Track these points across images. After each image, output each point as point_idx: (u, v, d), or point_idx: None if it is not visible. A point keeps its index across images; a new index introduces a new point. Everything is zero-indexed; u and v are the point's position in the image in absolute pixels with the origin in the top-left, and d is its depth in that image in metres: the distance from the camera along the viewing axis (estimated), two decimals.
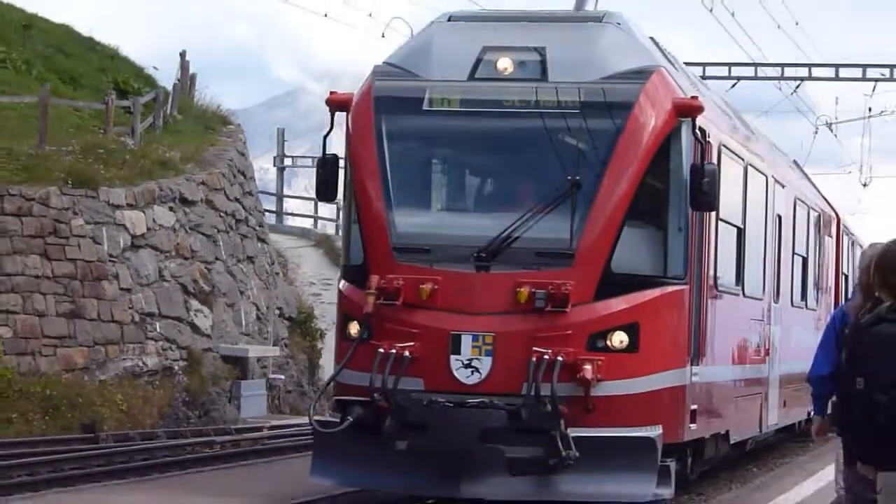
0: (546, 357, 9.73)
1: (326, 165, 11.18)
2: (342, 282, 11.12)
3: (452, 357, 10.03)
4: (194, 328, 20.90)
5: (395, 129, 10.72)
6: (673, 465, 10.30)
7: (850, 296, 10.26)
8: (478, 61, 10.62)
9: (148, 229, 20.21)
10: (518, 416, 9.70)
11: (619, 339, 10.04)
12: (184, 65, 28.28)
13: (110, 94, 23.73)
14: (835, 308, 18.07)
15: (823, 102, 31.47)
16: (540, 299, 9.90)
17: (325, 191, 11.35)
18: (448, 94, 10.70)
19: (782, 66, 26.97)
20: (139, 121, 23.46)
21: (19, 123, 21.87)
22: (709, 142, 11.17)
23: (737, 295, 13.10)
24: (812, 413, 7.99)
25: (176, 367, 20.18)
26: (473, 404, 9.80)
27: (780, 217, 15.86)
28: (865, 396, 5.20)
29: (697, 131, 10.53)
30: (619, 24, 11.12)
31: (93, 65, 28.22)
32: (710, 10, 24.87)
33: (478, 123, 10.79)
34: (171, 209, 20.95)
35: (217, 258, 22.10)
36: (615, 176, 10.18)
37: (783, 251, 16.23)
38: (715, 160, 11.60)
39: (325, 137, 11.31)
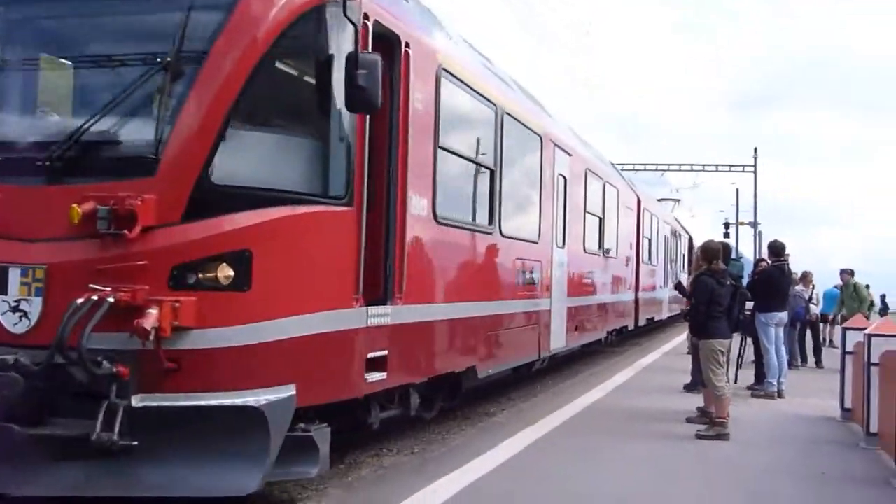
0: (95, 298, 6.83)
1: None
2: None
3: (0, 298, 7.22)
4: None
5: None
6: (325, 432, 7.63)
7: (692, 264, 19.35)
8: None
9: None
10: (49, 379, 6.80)
11: (221, 272, 7.09)
12: None
13: None
14: (635, 258, 25.15)
15: (674, 180, 59.74)
16: (102, 219, 6.99)
17: None
18: None
19: (656, 164, 54.71)
20: None
21: None
22: (407, 51, 9.06)
23: (489, 234, 12.09)
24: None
25: None
26: None
27: (564, 177, 15.98)
28: (695, 307, 11.93)
29: (360, 19, 8.16)
30: None
31: None
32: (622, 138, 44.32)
33: (63, 11, 8.07)
34: None
35: None
36: (220, 68, 7.27)
37: (571, 206, 16.23)
38: (432, 82, 9.76)
39: None
